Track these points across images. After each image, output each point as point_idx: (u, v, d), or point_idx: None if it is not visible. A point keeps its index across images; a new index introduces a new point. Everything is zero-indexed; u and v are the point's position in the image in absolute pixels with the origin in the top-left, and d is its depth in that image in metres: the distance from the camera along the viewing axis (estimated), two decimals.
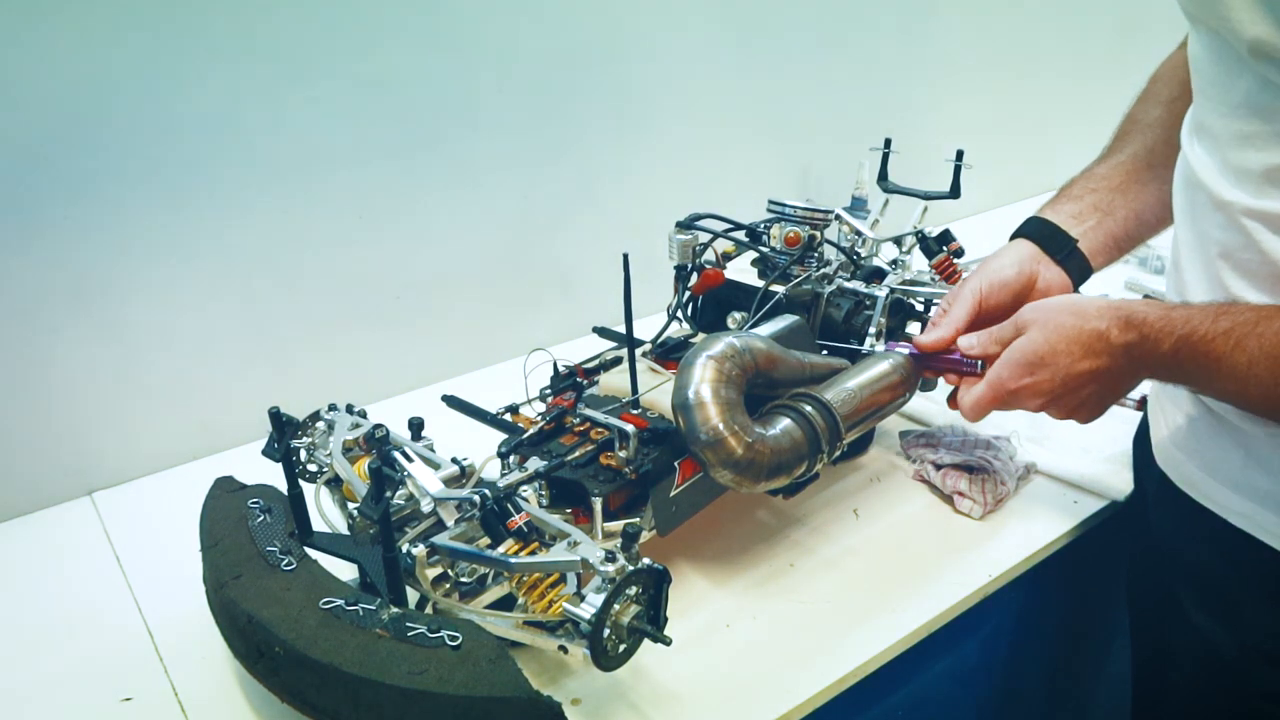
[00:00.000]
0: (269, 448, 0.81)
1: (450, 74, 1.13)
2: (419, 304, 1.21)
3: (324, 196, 1.09)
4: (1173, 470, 0.77)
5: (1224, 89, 0.65)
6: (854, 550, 0.91)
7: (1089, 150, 0.96)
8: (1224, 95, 0.65)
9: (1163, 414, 0.80)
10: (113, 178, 0.95)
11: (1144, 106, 0.90)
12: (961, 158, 1.07)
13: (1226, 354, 0.61)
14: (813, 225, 0.96)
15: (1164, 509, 0.80)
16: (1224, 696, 0.77)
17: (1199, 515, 0.73)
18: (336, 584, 0.70)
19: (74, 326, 0.97)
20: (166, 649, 0.80)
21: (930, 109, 1.68)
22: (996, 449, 0.97)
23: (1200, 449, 0.74)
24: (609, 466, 0.78)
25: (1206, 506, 0.73)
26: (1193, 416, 0.75)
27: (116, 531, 0.97)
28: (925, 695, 0.92)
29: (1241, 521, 0.70)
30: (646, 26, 1.27)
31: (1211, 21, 0.63)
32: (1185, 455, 0.75)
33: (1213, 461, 0.72)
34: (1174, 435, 0.77)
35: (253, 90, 1.00)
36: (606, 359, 0.94)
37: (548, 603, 0.69)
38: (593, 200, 1.32)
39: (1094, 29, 1.89)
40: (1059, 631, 1.11)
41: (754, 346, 0.79)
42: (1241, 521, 0.70)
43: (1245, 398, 0.63)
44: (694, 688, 0.75)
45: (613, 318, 0.99)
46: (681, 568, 0.88)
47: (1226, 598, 0.74)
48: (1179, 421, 0.76)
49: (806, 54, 1.47)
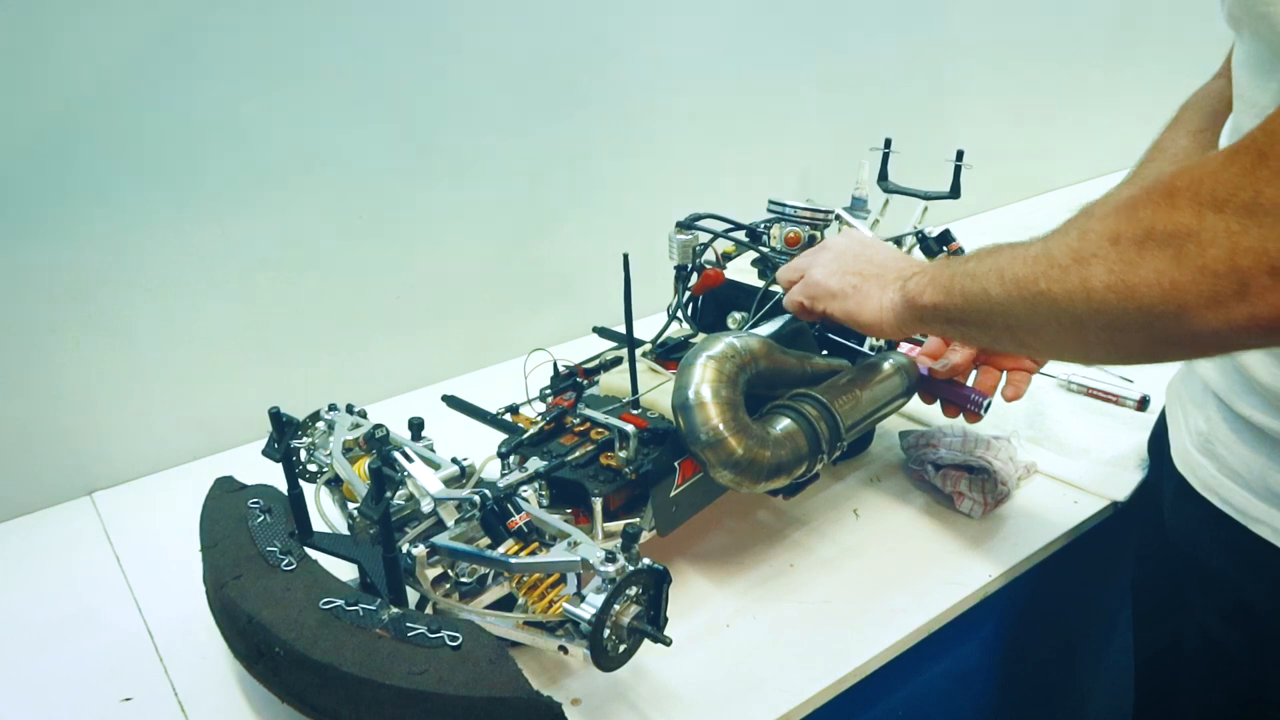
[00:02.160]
0: (269, 448, 0.81)
1: (450, 74, 1.13)
2: (419, 304, 1.21)
3: (324, 196, 1.09)
4: (1191, 474, 0.76)
5: (1259, 90, 0.65)
6: (854, 550, 0.91)
7: (1089, 150, 0.96)
8: (1257, 97, 0.65)
9: (1182, 416, 0.80)
10: (113, 177, 0.95)
11: (1171, 135, 0.89)
12: (961, 158, 1.07)
13: (981, 275, 0.66)
14: (813, 225, 0.97)
15: (1181, 512, 0.79)
16: (1234, 701, 0.76)
17: (1219, 520, 0.72)
18: (336, 584, 0.70)
19: (74, 326, 0.97)
20: (166, 649, 0.80)
21: (930, 109, 1.68)
22: (996, 449, 0.97)
23: (1221, 453, 0.73)
24: (609, 467, 0.78)
25: (1226, 512, 0.72)
26: (1214, 419, 0.74)
27: (116, 531, 0.97)
28: (925, 695, 0.92)
29: (1263, 529, 0.69)
30: (647, 26, 1.27)
31: (1252, 23, 0.62)
32: (1206, 459, 0.74)
33: (1234, 466, 0.71)
34: (1194, 438, 0.76)
35: (254, 90, 1.00)
36: (606, 359, 0.94)
37: (548, 603, 0.69)
38: (593, 200, 1.32)
39: (1095, 29, 1.89)
40: (1059, 631, 1.11)
41: (754, 346, 0.79)
42: (1263, 529, 0.69)
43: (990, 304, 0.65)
44: (694, 688, 0.75)
45: (613, 318, 0.99)
46: (681, 568, 0.88)
47: (1244, 604, 0.73)
48: (1200, 425, 0.76)
49: (806, 54, 1.47)
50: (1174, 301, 0.51)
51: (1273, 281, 0.47)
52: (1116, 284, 0.53)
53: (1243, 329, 0.49)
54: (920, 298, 0.74)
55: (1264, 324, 0.48)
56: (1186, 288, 0.50)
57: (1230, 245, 0.48)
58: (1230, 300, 0.48)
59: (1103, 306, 0.55)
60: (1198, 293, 0.49)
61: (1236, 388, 0.70)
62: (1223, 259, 0.48)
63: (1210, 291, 0.49)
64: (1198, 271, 0.49)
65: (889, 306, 0.78)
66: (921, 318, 0.75)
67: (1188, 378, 0.80)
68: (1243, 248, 0.48)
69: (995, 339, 0.70)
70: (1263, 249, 0.47)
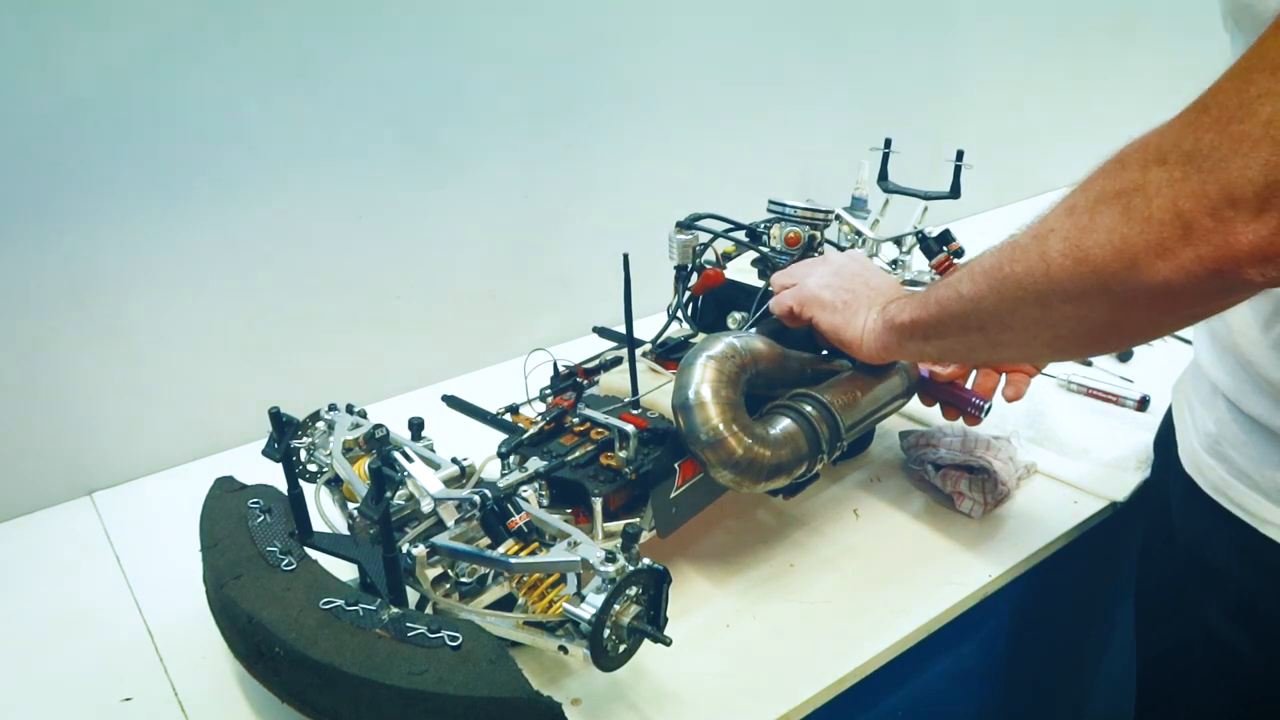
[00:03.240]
0: (269, 448, 0.81)
1: (450, 73, 1.13)
2: (419, 304, 1.21)
3: (324, 196, 1.09)
4: (1200, 475, 0.76)
5: None
6: (854, 550, 0.91)
7: (1089, 150, 0.96)
8: None
9: (1190, 417, 0.79)
10: (113, 177, 0.95)
11: None
12: (962, 158, 1.07)
13: (955, 281, 0.67)
14: (813, 225, 0.96)
15: (1189, 512, 0.79)
16: (1239, 700, 0.76)
17: (1227, 521, 0.72)
18: (336, 584, 0.70)
19: (74, 326, 0.97)
20: (166, 649, 0.80)
21: (930, 109, 1.68)
22: (996, 449, 0.97)
23: (1231, 454, 0.72)
24: (609, 467, 0.78)
25: (1235, 514, 0.72)
26: (1223, 421, 0.74)
27: (116, 531, 0.97)
28: (925, 695, 0.92)
29: (1273, 531, 0.69)
30: (647, 26, 1.27)
31: (1242, 19, 0.62)
32: (1215, 460, 0.74)
33: (1244, 468, 0.71)
34: (1202, 440, 0.76)
35: (253, 89, 1.00)
36: (606, 359, 0.94)
37: (548, 603, 0.69)
38: (593, 200, 1.32)
39: (1095, 28, 1.89)
40: (1058, 632, 1.11)
41: (754, 346, 0.79)
42: (1273, 531, 0.69)
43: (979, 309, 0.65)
44: (694, 688, 0.75)
45: (613, 318, 0.99)
46: (681, 568, 0.88)
47: (1251, 604, 0.73)
48: (1209, 427, 0.75)
49: (807, 53, 1.47)
50: (1125, 256, 0.51)
51: (1214, 223, 0.48)
52: (1071, 249, 0.54)
53: (1193, 275, 0.49)
54: (899, 316, 0.76)
55: (1211, 266, 0.48)
56: (1134, 240, 0.51)
57: (1172, 193, 0.49)
58: (1176, 245, 0.49)
59: (1060, 275, 0.55)
60: (1145, 243, 0.50)
61: (1246, 388, 0.70)
62: (1166, 207, 0.49)
63: (1156, 240, 0.50)
64: (1144, 222, 0.50)
65: (870, 329, 0.79)
66: (900, 337, 0.76)
67: (1195, 378, 0.80)
68: (1184, 193, 0.48)
69: (970, 346, 0.70)
70: (1202, 192, 0.48)
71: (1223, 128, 0.48)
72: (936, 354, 0.83)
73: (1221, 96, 0.49)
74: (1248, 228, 0.47)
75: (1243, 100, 0.47)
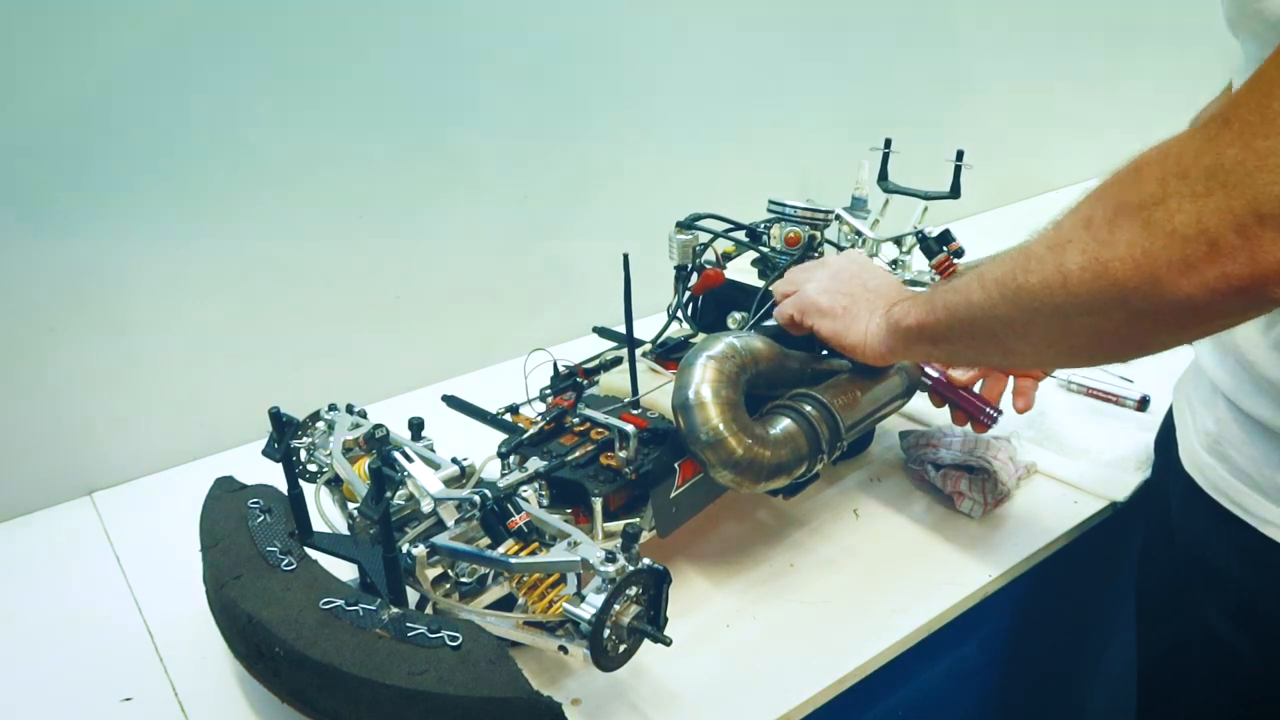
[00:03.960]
0: (269, 448, 0.81)
1: (450, 74, 1.13)
2: (419, 304, 1.21)
3: (323, 196, 1.09)
4: (1200, 475, 0.76)
5: None
6: (854, 550, 0.91)
7: (1089, 150, 0.96)
8: None
9: (1190, 417, 0.79)
10: (113, 177, 0.95)
11: None
12: (962, 158, 1.07)
13: (963, 287, 0.67)
14: (813, 225, 0.96)
15: (1189, 512, 0.79)
16: (1239, 701, 0.76)
17: (1228, 521, 0.72)
18: (336, 584, 0.70)
19: (74, 326, 0.97)
20: (166, 649, 0.80)
21: (930, 109, 1.68)
22: (996, 449, 0.97)
23: (1231, 454, 0.72)
24: (609, 467, 0.78)
25: (1235, 513, 0.72)
26: (1223, 420, 0.73)
27: (116, 531, 0.97)
28: (925, 695, 0.92)
29: (1273, 530, 0.68)
30: (647, 26, 1.27)
31: (1247, 23, 0.62)
32: (1215, 460, 0.74)
33: (1244, 467, 0.71)
34: (1202, 439, 0.76)
35: (253, 89, 1.00)
36: (606, 359, 0.94)
37: (548, 603, 0.69)
38: (593, 200, 1.32)
39: (1096, 29, 1.89)
40: (1058, 632, 1.11)
41: (754, 346, 0.79)
42: (1273, 530, 0.68)
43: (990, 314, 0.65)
44: (694, 688, 0.75)
45: (613, 318, 0.99)
46: (681, 568, 0.88)
47: (1252, 605, 0.72)
48: (1209, 426, 0.75)
49: (807, 53, 1.47)
50: (1147, 271, 0.51)
51: (1240, 240, 0.47)
52: (1090, 263, 0.54)
53: (1217, 292, 0.49)
54: (905, 320, 0.75)
55: (1236, 284, 0.48)
56: (1157, 255, 0.50)
57: (1196, 208, 0.48)
58: (1201, 263, 0.49)
59: (1079, 289, 0.55)
60: (1169, 259, 0.50)
61: (1246, 387, 0.70)
62: (1190, 222, 0.49)
63: (1180, 256, 0.49)
64: (1167, 237, 0.50)
65: (874, 332, 0.79)
66: (906, 341, 0.76)
67: (1196, 378, 0.80)
68: (1209, 209, 0.48)
69: (982, 351, 0.70)
70: (1228, 208, 0.47)
71: (1247, 143, 0.47)
72: (944, 357, 0.83)
73: (1243, 111, 0.48)
74: (1276, 245, 0.46)
75: (1265, 115, 0.47)
